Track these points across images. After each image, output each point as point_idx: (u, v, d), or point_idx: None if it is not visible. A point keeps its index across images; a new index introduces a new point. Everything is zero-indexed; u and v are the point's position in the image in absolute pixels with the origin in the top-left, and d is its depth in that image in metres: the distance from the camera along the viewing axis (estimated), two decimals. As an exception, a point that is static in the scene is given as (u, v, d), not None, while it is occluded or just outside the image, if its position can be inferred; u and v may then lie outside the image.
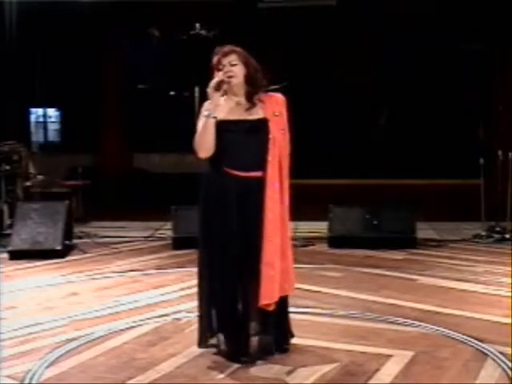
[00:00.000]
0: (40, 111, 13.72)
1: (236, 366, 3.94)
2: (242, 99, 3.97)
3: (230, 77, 3.87)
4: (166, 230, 8.50)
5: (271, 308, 3.92)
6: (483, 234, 8.28)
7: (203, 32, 12.25)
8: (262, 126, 3.91)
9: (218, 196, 3.91)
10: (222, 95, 3.91)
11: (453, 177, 12.08)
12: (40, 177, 9.36)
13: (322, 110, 13.40)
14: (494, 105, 11.13)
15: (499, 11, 10.64)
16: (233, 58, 3.91)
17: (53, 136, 14.09)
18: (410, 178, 12.35)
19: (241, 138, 3.90)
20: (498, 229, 8.30)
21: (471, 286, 5.93)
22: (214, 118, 3.84)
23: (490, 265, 6.80)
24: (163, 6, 11.12)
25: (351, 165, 13.04)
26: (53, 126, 14.08)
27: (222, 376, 3.81)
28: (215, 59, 3.94)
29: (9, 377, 3.82)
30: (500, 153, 8.59)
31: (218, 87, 3.85)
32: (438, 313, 5.06)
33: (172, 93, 14.29)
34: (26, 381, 3.77)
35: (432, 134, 13.38)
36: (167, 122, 13.71)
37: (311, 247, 7.85)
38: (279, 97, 4.02)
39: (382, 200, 9.01)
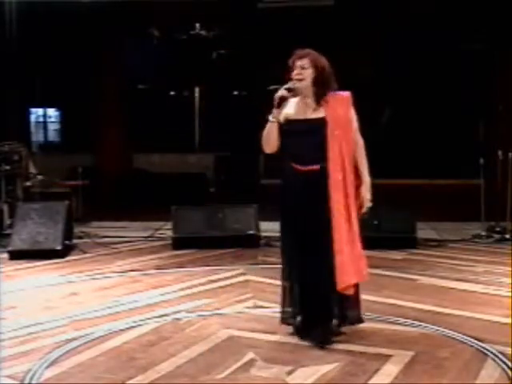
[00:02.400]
0: (40, 111, 13.73)
1: (236, 365, 3.94)
2: (311, 100, 4.27)
3: (299, 80, 4.22)
4: (166, 230, 8.50)
5: (351, 292, 4.26)
6: (483, 234, 8.27)
7: (203, 32, 12.27)
8: (319, 124, 4.20)
9: (289, 188, 4.34)
10: (294, 96, 4.27)
11: (453, 177, 12.08)
12: (40, 177, 9.36)
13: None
14: (494, 105, 11.12)
15: (499, 11, 10.62)
16: (304, 62, 4.23)
17: (53, 136, 14.11)
18: (410, 178, 12.35)
19: (299, 136, 4.24)
20: (498, 229, 8.29)
21: (471, 286, 5.93)
22: (278, 121, 4.27)
23: (490, 265, 6.80)
24: (163, 5, 11.10)
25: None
26: (53, 126, 14.09)
27: (221, 376, 3.81)
28: (291, 61, 4.28)
29: (9, 377, 3.82)
30: (500, 153, 8.58)
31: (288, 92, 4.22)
32: (438, 313, 5.06)
33: (172, 93, 14.30)
34: (26, 381, 3.77)
35: (432, 133, 13.39)
36: (167, 121, 13.72)
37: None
38: (343, 95, 4.30)
39: (382, 200, 9.00)
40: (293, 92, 4.25)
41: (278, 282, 6.03)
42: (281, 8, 11.29)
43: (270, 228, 8.39)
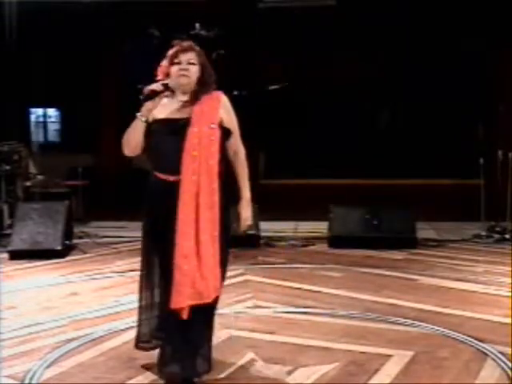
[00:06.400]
0: (40, 111, 13.71)
1: (236, 365, 3.94)
2: (187, 99, 3.72)
3: (184, 75, 3.69)
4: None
5: (184, 316, 3.53)
6: (483, 234, 8.27)
7: (203, 32, 12.25)
8: (183, 126, 3.63)
9: (150, 200, 3.80)
10: (171, 92, 3.74)
11: (453, 177, 12.08)
12: (40, 177, 9.35)
13: (322, 111, 13.41)
14: (494, 105, 11.12)
15: (499, 11, 10.62)
16: (191, 57, 3.72)
17: (53, 136, 14.08)
18: (411, 178, 12.35)
19: (162, 140, 3.68)
20: (497, 229, 8.29)
21: (471, 286, 5.93)
22: (145, 121, 3.74)
23: (490, 265, 6.80)
24: (163, 5, 11.10)
25: (351, 165, 13.04)
26: (53, 126, 14.06)
27: (221, 376, 3.81)
28: (172, 52, 3.74)
29: (9, 377, 3.82)
30: (500, 153, 8.59)
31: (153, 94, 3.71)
32: (438, 313, 5.06)
33: (172, 93, 14.27)
34: (26, 381, 3.77)
35: (432, 133, 13.39)
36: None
37: (311, 247, 7.85)
38: (218, 94, 3.79)
39: (382, 200, 9.01)
40: (170, 89, 3.70)
41: (278, 282, 6.07)
42: (281, 8, 11.29)
43: (270, 228, 8.41)
